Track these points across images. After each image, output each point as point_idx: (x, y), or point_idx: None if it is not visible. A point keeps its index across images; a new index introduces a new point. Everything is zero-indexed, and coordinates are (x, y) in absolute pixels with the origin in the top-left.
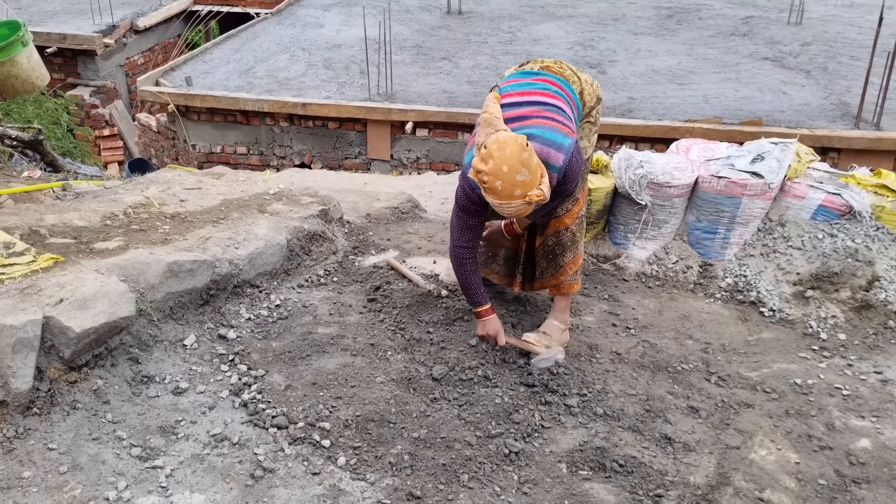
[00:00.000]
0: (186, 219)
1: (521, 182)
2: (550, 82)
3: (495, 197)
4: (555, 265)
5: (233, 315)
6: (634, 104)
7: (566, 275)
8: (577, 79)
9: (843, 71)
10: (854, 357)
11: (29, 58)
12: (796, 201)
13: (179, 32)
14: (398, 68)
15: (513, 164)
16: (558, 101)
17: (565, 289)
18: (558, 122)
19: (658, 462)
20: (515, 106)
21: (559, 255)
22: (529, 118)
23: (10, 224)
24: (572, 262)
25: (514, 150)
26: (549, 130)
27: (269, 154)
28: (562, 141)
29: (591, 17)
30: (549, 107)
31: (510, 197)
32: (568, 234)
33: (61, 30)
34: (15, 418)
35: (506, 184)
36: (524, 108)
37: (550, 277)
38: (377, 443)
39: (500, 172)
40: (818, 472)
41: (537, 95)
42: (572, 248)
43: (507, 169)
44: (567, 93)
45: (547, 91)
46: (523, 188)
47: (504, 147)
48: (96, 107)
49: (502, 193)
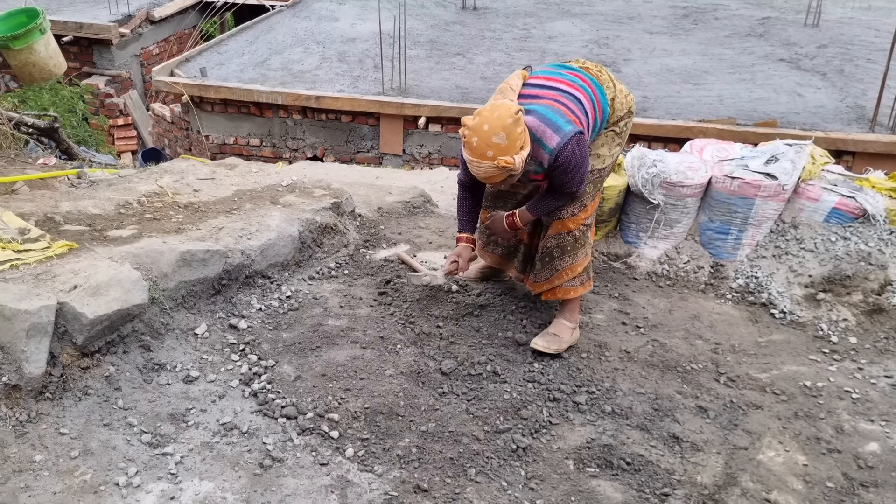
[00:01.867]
0: (199, 209)
1: (496, 144)
2: (580, 77)
3: (469, 152)
4: (550, 268)
5: (244, 305)
6: (648, 103)
7: (561, 279)
8: (612, 85)
9: (860, 74)
10: (864, 361)
11: (46, 45)
12: (810, 203)
13: (195, 23)
14: (412, 63)
15: (494, 126)
16: (579, 92)
17: (560, 293)
18: (567, 109)
19: (665, 461)
20: (536, 87)
21: (556, 258)
22: (541, 98)
23: (25, 210)
24: (569, 269)
25: (502, 114)
26: (553, 112)
27: (282, 146)
28: (562, 125)
29: (606, 14)
30: (565, 94)
31: (481, 156)
32: (569, 238)
33: (78, 18)
34: (28, 402)
35: (481, 142)
36: (542, 90)
37: (544, 281)
38: (385, 435)
39: (479, 129)
40: (826, 474)
41: (561, 83)
42: (572, 253)
43: (488, 128)
44: (595, 92)
45: (572, 83)
46: (496, 151)
47: (494, 109)
48: (111, 96)
49: (475, 150)
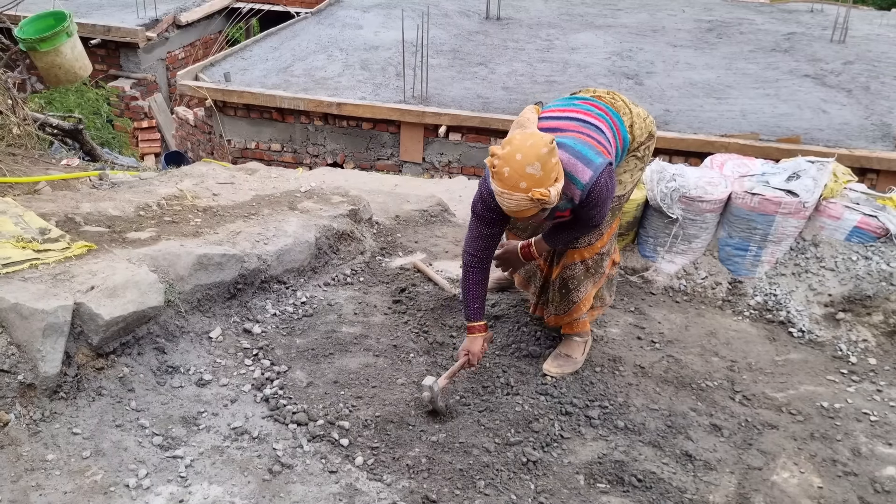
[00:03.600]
0: (218, 213)
1: (530, 175)
2: (596, 107)
3: (500, 184)
4: (567, 301)
5: (259, 310)
6: (670, 116)
7: (578, 312)
8: (629, 111)
9: (886, 91)
10: (884, 382)
11: (73, 48)
12: (831, 221)
13: (220, 29)
14: (434, 72)
15: (527, 155)
16: (600, 122)
17: (578, 327)
18: (594, 140)
19: (677, 479)
20: (553, 119)
21: (572, 290)
22: (565, 130)
23: (46, 210)
24: (584, 300)
25: (535, 143)
26: (583, 144)
27: (303, 152)
28: (593, 157)
29: (630, 27)
30: (587, 125)
31: (514, 187)
32: (582, 267)
33: (106, 22)
34: (42, 401)
35: (513, 171)
36: (562, 122)
37: (564, 314)
38: (395, 444)
39: (512, 159)
40: (841, 497)
41: (578, 114)
42: (585, 283)
43: (521, 157)
44: (613, 120)
45: (590, 112)
46: (529, 182)
47: (526, 138)
48: (136, 99)
49: (507, 181)
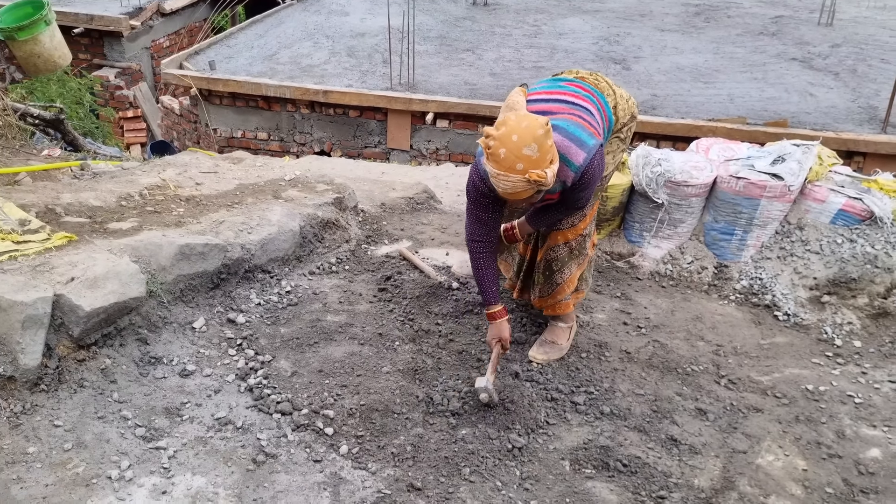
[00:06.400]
0: (201, 202)
1: (526, 157)
2: (583, 88)
3: (495, 165)
4: (551, 283)
5: (243, 300)
6: (658, 101)
7: (562, 294)
8: (612, 92)
9: (873, 74)
10: (869, 365)
11: (52, 37)
12: (816, 205)
13: (205, 16)
14: (421, 58)
15: (524, 136)
16: (587, 104)
17: (561, 309)
18: (586, 122)
19: (663, 463)
20: (542, 101)
21: (556, 271)
22: (557, 113)
23: (26, 201)
24: (568, 281)
25: (531, 125)
26: (576, 126)
27: (290, 140)
28: (586, 139)
29: (617, 12)
30: (577, 107)
31: (510, 169)
32: (566, 248)
33: (89, 10)
34: (22, 394)
35: (510, 153)
36: (551, 104)
37: (548, 297)
38: (380, 433)
39: (508, 140)
40: (826, 480)
41: (566, 95)
42: (569, 264)
43: (517, 139)
44: (599, 101)
45: (576, 94)
46: (526, 163)
47: (521, 120)
48: (121, 88)
49: (503, 162)
